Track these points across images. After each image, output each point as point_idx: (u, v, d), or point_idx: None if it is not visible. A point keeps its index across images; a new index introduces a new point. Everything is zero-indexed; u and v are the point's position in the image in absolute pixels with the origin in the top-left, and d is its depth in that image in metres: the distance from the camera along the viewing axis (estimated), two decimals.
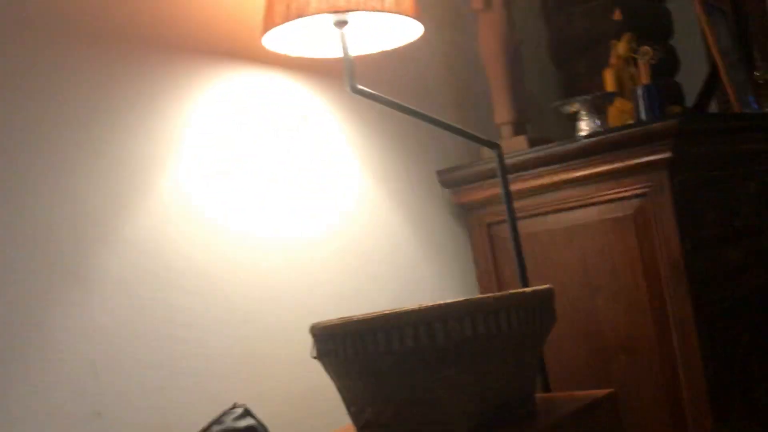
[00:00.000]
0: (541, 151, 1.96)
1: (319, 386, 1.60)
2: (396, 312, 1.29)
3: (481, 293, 2.15)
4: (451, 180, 2.13)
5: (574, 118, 2.05)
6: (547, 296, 1.39)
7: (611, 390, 1.52)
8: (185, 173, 1.59)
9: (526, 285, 1.76)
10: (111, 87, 1.50)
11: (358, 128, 1.95)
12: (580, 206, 1.97)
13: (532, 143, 2.03)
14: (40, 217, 1.37)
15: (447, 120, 1.79)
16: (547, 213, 2.03)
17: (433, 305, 1.28)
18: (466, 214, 2.18)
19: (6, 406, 1.28)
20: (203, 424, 1.35)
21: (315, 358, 1.42)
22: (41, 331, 1.34)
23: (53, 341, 1.35)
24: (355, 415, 1.41)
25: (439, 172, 2.13)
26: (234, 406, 1.28)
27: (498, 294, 1.30)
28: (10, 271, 1.32)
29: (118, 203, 1.48)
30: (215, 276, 1.59)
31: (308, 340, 1.44)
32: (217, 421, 1.24)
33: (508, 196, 1.78)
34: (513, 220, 1.78)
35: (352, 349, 1.33)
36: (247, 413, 1.27)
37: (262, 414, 1.45)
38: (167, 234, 1.54)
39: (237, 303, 1.62)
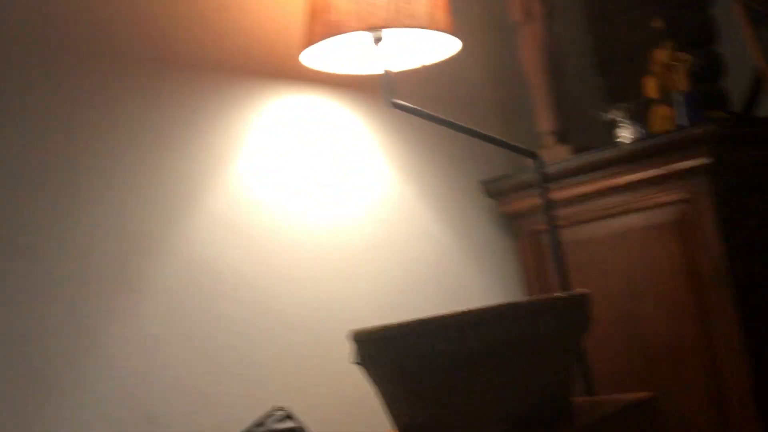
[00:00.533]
0: (583, 158, 1.98)
1: (362, 391, 1.64)
2: (429, 317, 1.33)
3: None
4: (495, 190, 2.16)
5: (615, 125, 2.07)
6: (580, 301, 1.42)
7: (650, 394, 1.53)
8: (232, 190, 1.65)
9: (567, 291, 1.78)
10: (162, 109, 1.57)
11: (399, 142, 2.00)
12: (623, 213, 1.98)
13: (575, 151, 2.05)
14: (94, 231, 1.44)
15: (490, 130, 1.83)
16: (590, 220, 2.05)
17: (465, 310, 1.31)
18: (511, 223, 2.20)
19: (62, 412, 1.35)
20: None
21: (355, 363, 1.46)
22: (95, 340, 1.41)
23: (107, 349, 1.43)
24: (394, 418, 1.45)
25: (483, 183, 2.16)
26: (275, 409, 1.33)
27: (530, 298, 1.33)
28: (66, 283, 1.40)
29: (167, 218, 1.55)
30: (262, 287, 1.65)
31: (350, 347, 1.49)
32: (259, 423, 1.29)
33: (548, 205, 1.80)
34: (553, 227, 1.80)
35: (388, 353, 1.37)
36: (287, 416, 1.31)
37: (306, 418, 1.50)
38: (215, 247, 1.60)
39: (283, 312, 1.67)
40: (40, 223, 1.39)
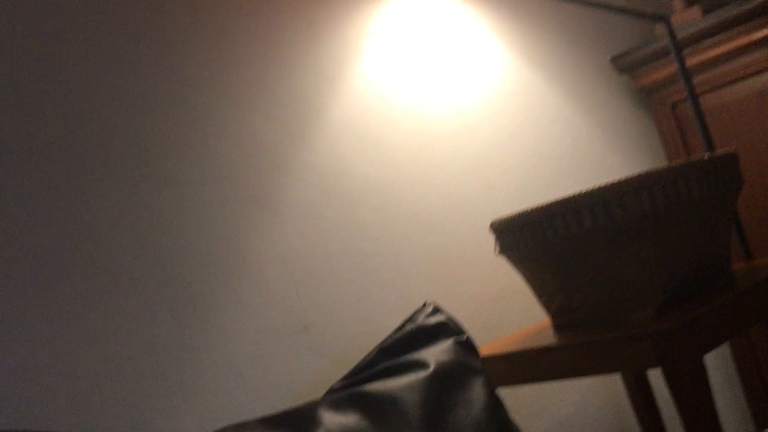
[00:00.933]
0: (716, 17, 1.87)
1: (509, 284, 1.62)
2: (570, 195, 1.29)
3: None
4: (626, 64, 2.07)
5: None
6: (729, 161, 1.34)
7: None
8: (355, 96, 1.64)
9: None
10: (279, 23, 1.57)
11: (519, 27, 1.93)
12: (766, 69, 1.86)
13: (706, 11, 1.93)
14: (226, 153, 1.46)
15: (613, 0, 1.74)
16: (731, 82, 1.93)
17: (607, 183, 1.27)
18: (647, 96, 2.11)
19: (221, 327, 1.39)
20: None
21: (500, 254, 1.44)
22: (244, 258, 1.44)
23: (256, 266, 1.45)
24: (546, 304, 1.43)
25: (614, 58, 2.07)
26: (424, 305, 1.32)
27: (673, 163, 1.27)
28: (210, 206, 1.42)
29: (295, 133, 1.55)
30: (396, 191, 1.64)
31: (492, 240, 1.47)
32: (410, 319, 1.29)
33: (684, 70, 1.71)
34: (692, 94, 1.71)
35: (532, 238, 1.34)
36: (437, 310, 1.31)
37: (455, 315, 1.49)
38: (344, 157, 1.60)
39: (419, 214, 1.66)
40: (181, 150, 1.42)
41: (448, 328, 1.31)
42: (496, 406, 1.23)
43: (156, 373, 1.31)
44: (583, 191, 1.27)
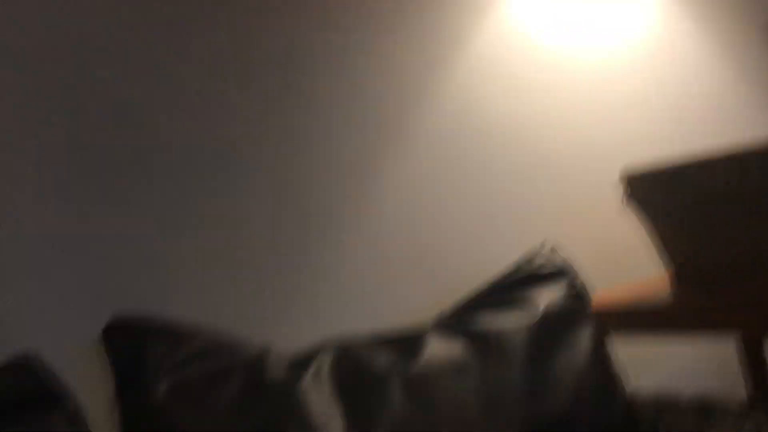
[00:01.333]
0: None
1: (630, 235, 1.59)
2: (710, 154, 1.25)
3: None
4: None
5: None
6: None
7: None
8: (497, 30, 1.62)
9: None
10: None
11: None
12: None
13: None
14: (361, 77, 1.48)
15: None
16: None
17: (748, 144, 1.23)
18: None
19: (342, 245, 1.43)
20: None
21: (626, 204, 1.42)
22: (371, 182, 1.47)
23: (380, 191, 1.48)
24: (669, 259, 1.41)
25: None
26: (542, 246, 1.32)
27: None
28: (342, 128, 1.46)
29: (430, 66, 1.55)
30: (526, 129, 1.63)
31: (618, 189, 1.45)
32: (526, 259, 1.30)
33: None
34: None
35: (663, 193, 1.32)
36: (554, 252, 1.31)
37: (572, 259, 1.48)
38: (479, 90, 1.59)
39: (548, 154, 1.64)
40: (320, 68, 1.44)
41: (562, 272, 1.32)
42: (602, 355, 1.24)
43: (278, 280, 1.37)
44: (723, 151, 1.24)
